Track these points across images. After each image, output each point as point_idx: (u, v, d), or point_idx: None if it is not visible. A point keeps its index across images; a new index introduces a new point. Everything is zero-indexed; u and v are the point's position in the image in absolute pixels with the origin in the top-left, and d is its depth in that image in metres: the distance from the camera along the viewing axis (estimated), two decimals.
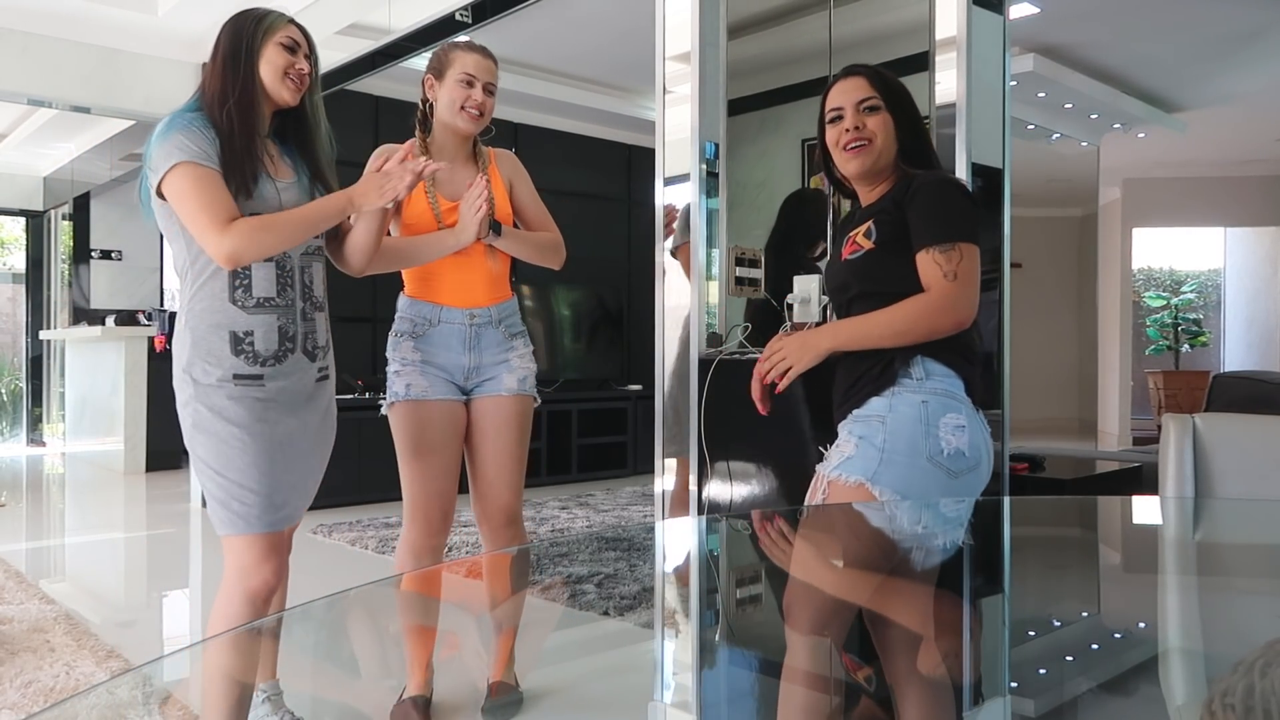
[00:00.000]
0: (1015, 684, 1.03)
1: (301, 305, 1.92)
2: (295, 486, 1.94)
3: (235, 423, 1.84)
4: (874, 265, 1.73)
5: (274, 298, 1.88)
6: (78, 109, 5.90)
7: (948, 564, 1.56)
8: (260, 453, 1.85)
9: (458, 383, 2.25)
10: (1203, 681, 1.02)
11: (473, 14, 4.14)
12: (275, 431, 1.87)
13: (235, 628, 1.81)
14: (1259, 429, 2.20)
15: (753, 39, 3.20)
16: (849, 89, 1.80)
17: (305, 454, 1.95)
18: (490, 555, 2.31)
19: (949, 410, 1.66)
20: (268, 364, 1.87)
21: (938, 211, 1.68)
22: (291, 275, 1.90)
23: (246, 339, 1.85)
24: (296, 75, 1.90)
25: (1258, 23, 5.03)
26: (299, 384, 1.92)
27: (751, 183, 3.21)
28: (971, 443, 1.68)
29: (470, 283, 2.23)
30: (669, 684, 1.29)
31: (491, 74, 2.25)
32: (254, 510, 1.86)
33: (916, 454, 1.64)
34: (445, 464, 2.23)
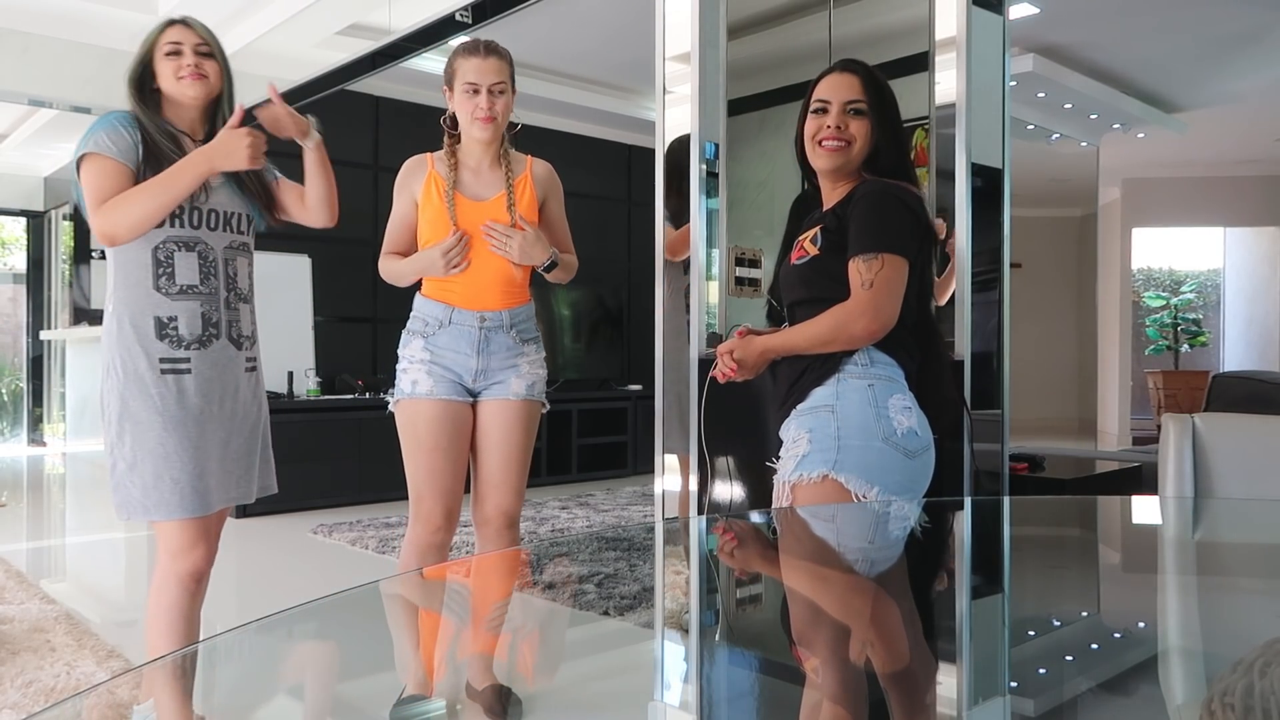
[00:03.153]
0: (1015, 684, 1.04)
1: (225, 294, 1.99)
2: (227, 472, 1.99)
3: (161, 410, 1.90)
4: (817, 272, 1.77)
5: (197, 285, 1.95)
6: (78, 109, 5.89)
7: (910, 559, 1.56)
8: (185, 438, 1.91)
9: (465, 384, 2.25)
10: (1202, 681, 1.02)
11: (473, 14, 4.14)
12: (201, 418, 1.94)
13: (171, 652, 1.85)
14: (1259, 429, 2.20)
15: (753, 39, 3.20)
16: (840, 85, 1.81)
17: (233, 441, 2.00)
18: (490, 555, 2.31)
19: (895, 392, 1.70)
20: (192, 348, 1.93)
21: (869, 222, 1.71)
22: (214, 265, 1.97)
23: (170, 324, 1.92)
24: (190, 73, 1.96)
25: (1258, 23, 5.03)
26: (226, 373, 1.98)
27: (751, 183, 3.21)
28: (921, 423, 1.72)
29: (486, 286, 2.24)
30: (669, 684, 1.29)
31: (498, 73, 2.24)
32: (182, 495, 1.92)
33: (871, 436, 1.67)
34: (449, 462, 2.23)
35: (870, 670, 1.06)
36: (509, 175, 2.28)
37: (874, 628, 1.20)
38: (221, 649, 1.23)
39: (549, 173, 2.37)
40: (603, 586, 3.39)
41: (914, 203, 1.76)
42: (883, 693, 1.01)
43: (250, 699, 1.26)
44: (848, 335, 1.68)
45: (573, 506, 5.50)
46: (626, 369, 7.12)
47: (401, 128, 5.97)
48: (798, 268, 1.81)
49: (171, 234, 1.93)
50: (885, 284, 1.67)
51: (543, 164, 2.37)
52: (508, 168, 2.29)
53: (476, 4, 4.09)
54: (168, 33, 2.00)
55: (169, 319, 1.92)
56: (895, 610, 1.28)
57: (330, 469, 5.41)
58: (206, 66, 2.00)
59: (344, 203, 2.49)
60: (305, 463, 5.32)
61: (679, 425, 3.23)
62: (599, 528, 4.94)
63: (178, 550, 1.96)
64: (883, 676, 1.04)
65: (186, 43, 1.99)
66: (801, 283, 1.81)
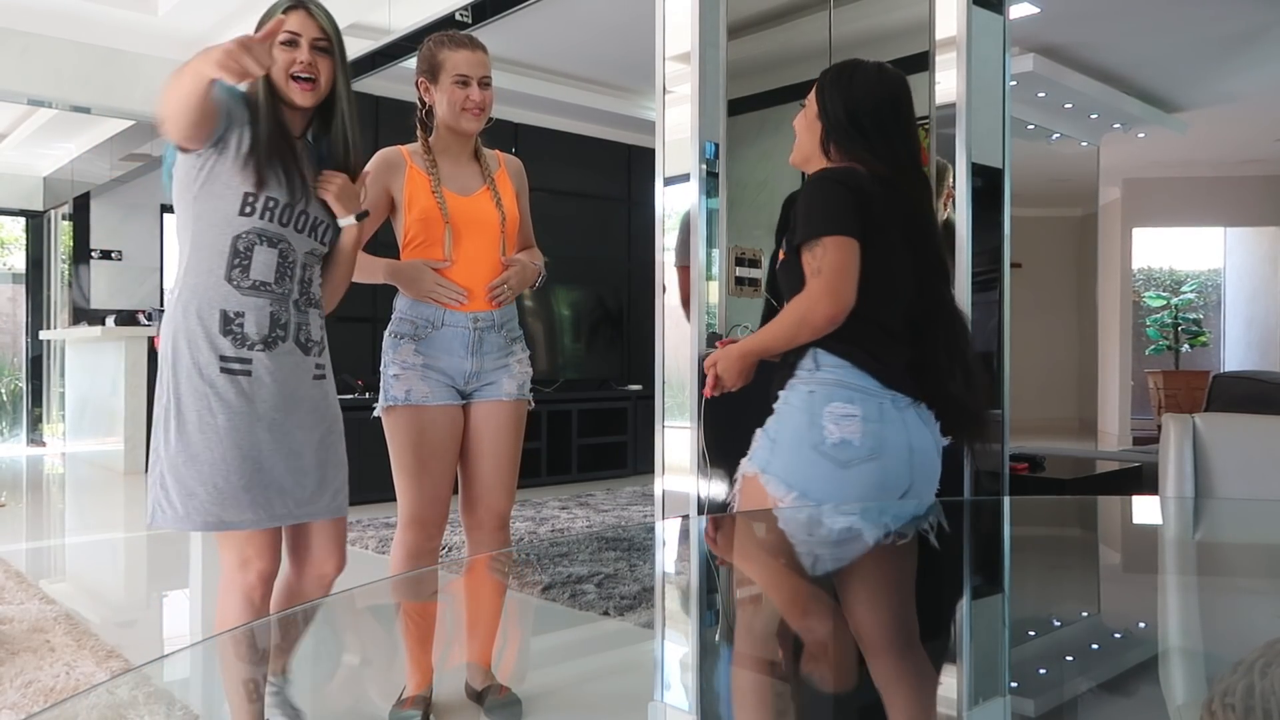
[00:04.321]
0: (1015, 684, 1.03)
1: (296, 297, 1.86)
2: (292, 484, 1.85)
3: (215, 412, 1.77)
4: (786, 272, 1.80)
5: (270, 283, 1.82)
6: (78, 109, 5.90)
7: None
8: (235, 444, 1.77)
9: (458, 387, 2.23)
10: (1203, 681, 1.02)
11: (473, 14, 4.14)
12: (259, 425, 1.80)
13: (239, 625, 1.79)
14: (1259, 429, 2.20)
15: (753, 39, 3.20)
16: (808, 101, 1.87)
17: (301, 453, 1.86)
18: (484, 557, 2.31)
19: (835, 399, 1.66)
20: (256, 348, 1.80)
21: (804, 211, 1.72)
22: (292, 267, 1.85)
23: (237, 319, 1.79)
24: (301, 70, 1.79)
25: (1258, 23, 5.03)
26: (293, 378, 1.85)
27: (751, 183, 3.21)
28: (867, 432, 1.65)
29: (477, 287, 2.21)
30: (669, 684, 1.28)
31: (485, 66, 2.21)
32: (248, 501, 1.78)
33: (801, 443, 1.67)
34: (444, 468, 2.22)
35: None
36: (486, 170, 2.27)
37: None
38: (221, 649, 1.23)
39: (519, 167, 2.38)
40: (603, 586, 3.39)
41: (851, 179, 1.72)
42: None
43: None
44: (810, 326, 1.67)
45: (573, 506, 5.50)
46: (626, 369, 7.12)
47: (401, 128, 5.95)
48: (778, 270, 1.86)
49: (258, 226, 1.80)
50: (832, 267, 1.65)
51: (513, 159, 2.37)
52: (484, 162, 2.28)
53: (476, 4, 4.09)
54: (289, 17, 1.79)
55: (236, 314, 1.79)
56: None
57: None
58: (320, 66, 1.82)
59: None
60: None
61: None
62: (599, 528, 4.94)
63: (242, 563, 1.83)
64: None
65: (305, 35, 1.80)
66: (782, 283, 1.84)
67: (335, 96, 1.87)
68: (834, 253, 1.65)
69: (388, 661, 2.09)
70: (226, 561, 1.85)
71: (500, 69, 2.30)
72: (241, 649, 1.24)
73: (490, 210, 2.23)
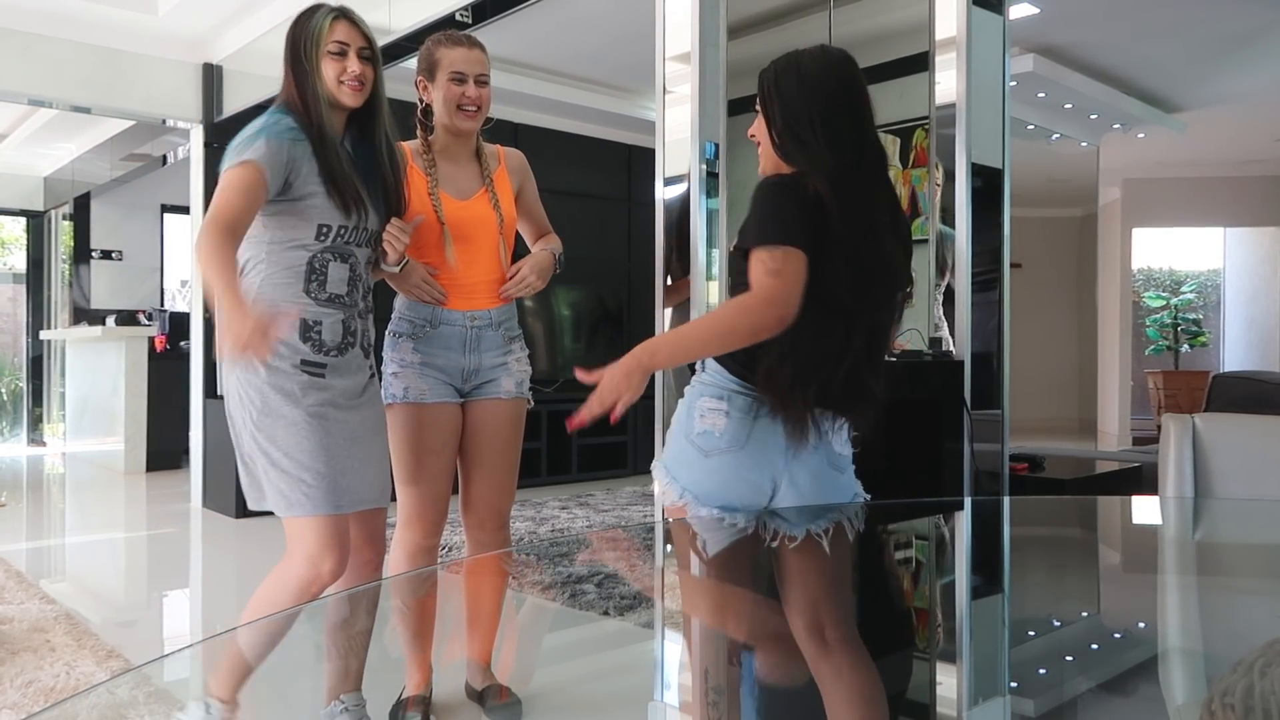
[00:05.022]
0: (1015, 684, 1.03)
1: (362, 307, 2.02)
2: (358, 474, 1.96)
3: (305, 408, 1.89)
4: (732, 265, 1.79)
5: (343, 295, 1.97)
6: (78, 109, 5.89)
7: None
8: (327, 436, 1.90)
9: (456, 385, 2.23)
10: (1202, 681, 1.02)
11: (473, 14, 4.14)
12: (335, 421, 1.93)
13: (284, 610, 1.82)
14: (1259, 429, 2.20)
15: (753, 39, 3.20)
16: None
17: (364, 445, 1.99)
18: (484, 556, 2.31)
19: (705, 395, 1.73)
20: (331, 354, 1.94)
21: (759, 214, 1.69)
22: (359, 278, 2.00)
23: (315, 328, 1.93)
24: (352, 80, 1.93)
25: (1258, 23, 5.03)
26: (355, 380, 1.99)
27: (751, 183, 3.20)
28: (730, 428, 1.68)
29: (474, 285, 2.22)
30: (669, 684, 1.28)
31: (482, 64, 2.21)
32: (320, 493, 1.89)
33: (680, 434, 1.75)
34: (443, 466, 2.22)
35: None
36: (486, 170, 2.27)
37: None
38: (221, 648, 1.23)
39: (520, 160, 2.37)
40: (603, 586, 3.39)
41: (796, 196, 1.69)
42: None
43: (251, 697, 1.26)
44: (752, 324, 1.60)
45: (573, 506, 5.50)
46: None
47: (401, 127, 5.95)
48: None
49: (330, 247, 1.94)
50: (792, 274, 1.61)
51: (514, 153, 2.37)
52: (484, 161, 2.28)
53: (476, 4, 4.09)
54: (335, 29, 1.93)
55: (314, 323, 1.93)
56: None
57: None
58: (366, 74, 1.97)
59: None
60: None
61: None
62: (599, 528, 4.94)
63: (314, 553, 1.90)
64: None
65: (353, 45, 1.94)
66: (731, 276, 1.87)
67: (378, 101, 2.01)
68: (793, 262, 1.61)
69: (387, 661, 2.09)
70: (297, 555, 1.91)
71: (500, 69, 2.30)
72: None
73: (488, 213, 2.23)
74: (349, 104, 1.95)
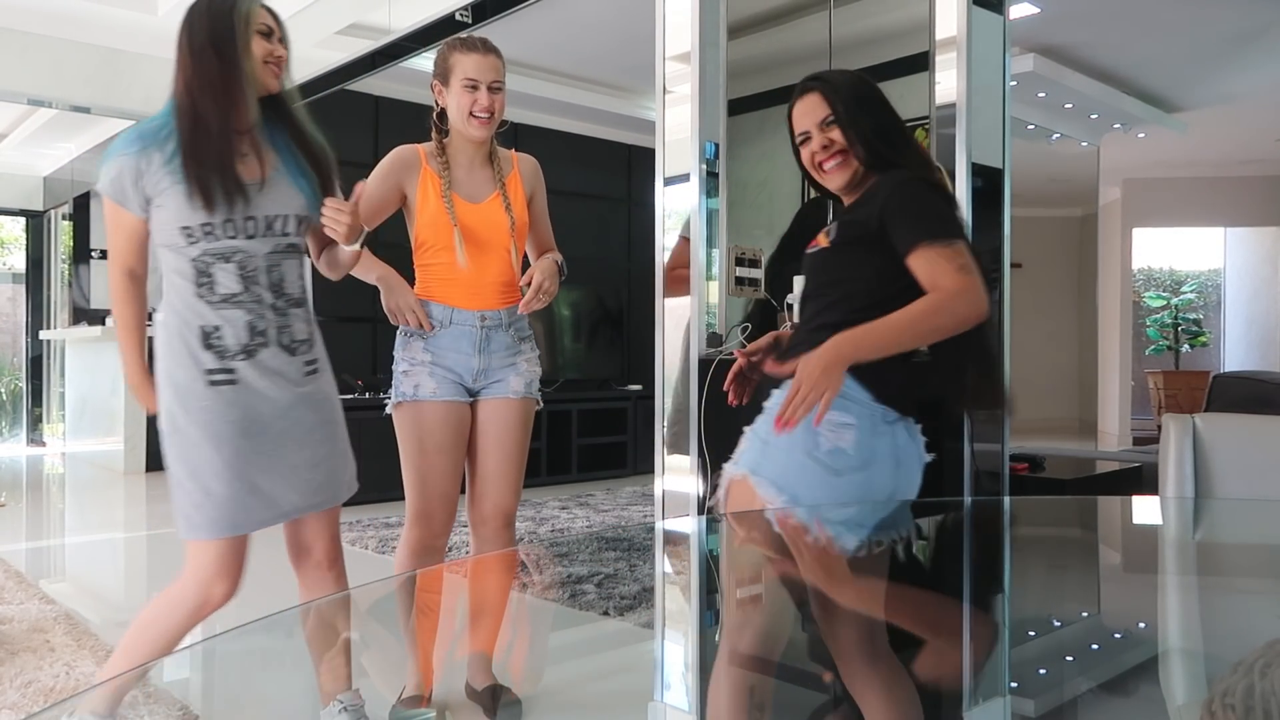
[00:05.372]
0: (1015, 684, 1.03)
1: (271, 300, 1.89)
2: (297, 482, 1.90)
3: (207, 424, 1.82)
4: (825, 264, 1.77)
5: (239, 294, 1.86)
6: (78, 109, 5.90)
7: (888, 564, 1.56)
8: (235, 453, 1.83)
9: (466, 384, 2.24)
10: (1203, 681, 1.02)
11: (473, 14, 4.14)
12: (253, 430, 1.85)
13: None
14: (1259, 429, 2.20)
15: (753, 39, 3.20)
16: (808, 109, 1.80)
17: (302, 450, 1.91)
18: (488, 556, 2.31)
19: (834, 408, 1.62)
20: (238, 358, 1.85)
21: (926, 210, 1.68)
22: (256, 273, 1.87)
23: (215, 334, 1.84)
24: (275, 61, 1.88)
25: (1258, 23, 5.03)
26: (283, 381, 1.89)
27: (751, 183, 3.21)
28: (860, 442, 1.65)
29: (485, 286, 2.23)
30: (669, 684, 1.28)
31: (495, 70, 2.20)
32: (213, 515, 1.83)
33: (794, 448, 1.64)
34: (451, 465, 2.23)
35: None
36: (499, 174, 2.27)
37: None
38: (222, 648, 1.23)
39: (534, 167, 2.37)
40: (603, 586, 3.39)
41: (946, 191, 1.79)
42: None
43: (250, 697, 1.26)
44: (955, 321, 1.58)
45: (573, 506, 5.50)
46: (626, 369, 7.12)
47: (401, 127, 5.96)
48: (810, 256, 1.82)
49: (208, 248, 1.84)
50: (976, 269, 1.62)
51: (528, 159, 2.37)
52: (497, 166, 2.28)
53: (476, 4, 4.09)
54: (264, 13, 1.89)
55: (213, 329, 1.85)
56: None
57: None
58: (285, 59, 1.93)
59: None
60: None
61: (679, 425, 3.23)
62: (599, 528, 4.94)
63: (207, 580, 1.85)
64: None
65: (275, 29, 1.91)
66: (812, 272, 1.81)
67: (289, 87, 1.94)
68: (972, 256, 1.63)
69: (389, 660, 2.09)
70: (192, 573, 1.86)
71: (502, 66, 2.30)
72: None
73: (500, 216, 2.23)
74: (273, 87, 1.88)
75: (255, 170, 1.87)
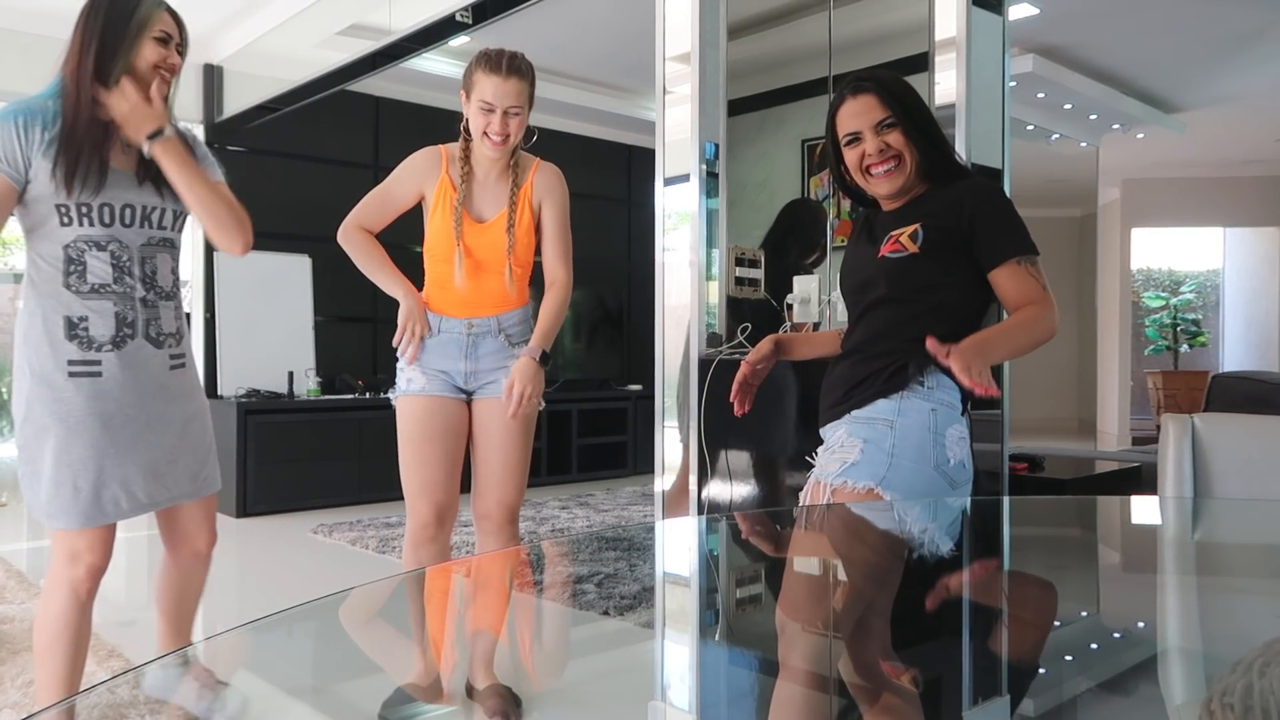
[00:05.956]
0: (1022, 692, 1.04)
1: (143, 293, 1.89)
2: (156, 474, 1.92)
3: (65, 416, 1.82)
4: (914, 270, 1.69)
5: (110, 284, 1.85)
6: None
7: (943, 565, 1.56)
8: (92, 444, 1.83)
9: (458, 384, 2.30)
10: (1202, 681, 1.02)
11: (473, 14, 4.14)
12: (115, 422, 1.85)
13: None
14: (1258, 429, 2.20)
15: (753, 39, 3.21)
16: (862, 110, 1.73)
17: (162, 442, 1.92)
18: (489, 555, 2.32)
19: (954, 422, 1.67)
20: (105, 349, 1.84)
21: (1017, 224, 1.70)
22: (129, 264, 1.87)
23: (81, 324, 1.83)
24: (167, 68, 1.87)
25: (1258, 23, 5.03)
26: (144, 373, 1.89)
27: (751, 183, 3.21)
28: (969, 456, 1.70)
29: (479, 298, 2.27)
30: (669, 684, 1.29)
31: (515, 96, 2.19)
32: (80, 505, 1.84)
33: (924, 462, 1.64)
34: (439, 455, 2.26)
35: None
36: (513, 189, 2.28)
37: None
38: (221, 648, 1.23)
39: (549, 179, 2.35)
40: (603, 586, 3.39)
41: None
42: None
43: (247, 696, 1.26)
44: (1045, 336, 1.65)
45: (573, 506, 5.50)
46: (626, 369, 7.13)
47: (401, 128, 5.97)
48: (889, 261, 1.71)
49: (82, 233, 1.82)
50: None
51: (548, 169, 2.36)
52: (514, 178, 2.28)
53: (477, 4, 4.09)
54: (165, 18, 1.88)
55: (80, 319, 1.83)
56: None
57: (330, 469, 5.41)
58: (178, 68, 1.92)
59: (345, 202, 2.50)
60: (305, 463, 5.32)
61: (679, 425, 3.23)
62: (599, 528, 4.94)
63: (74, 554, 1.88)
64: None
65: (174, 38, 1.90)
66: (890, 279, 1.71)
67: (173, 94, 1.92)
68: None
69: (389, 658, 2.09)
70: (57, 556, 1.90)
71: None
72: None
73: (500, 238, 2.26)
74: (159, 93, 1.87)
75: (128, 161, 1.87)
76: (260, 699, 1.77)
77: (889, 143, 1.72)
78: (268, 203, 5.69)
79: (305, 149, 5.86)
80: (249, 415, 5.21)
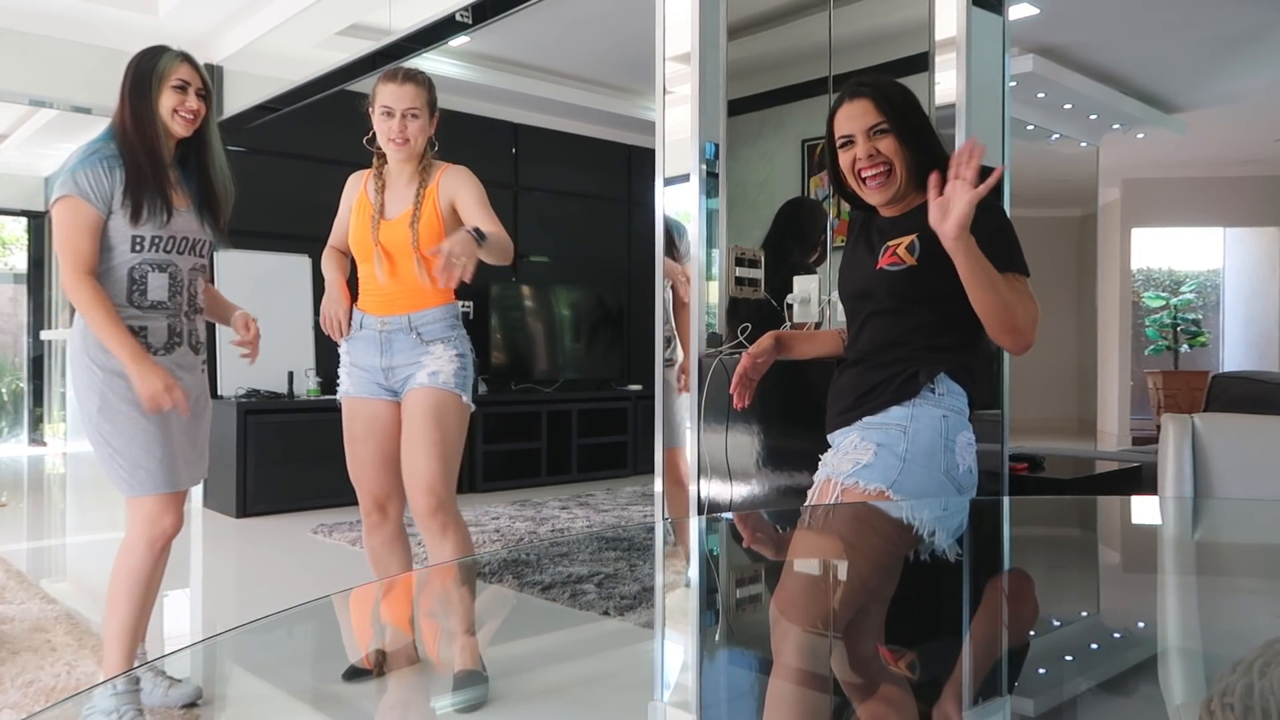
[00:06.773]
0: (1015, 684, 1.04)
1: (186, 308, 2.29)
2: (190, 457, 2.31)
3: (139, 402, 2.15)
4: (912, 283, 1.71)
5: (165, 301, 2.25)
6: (78, 109, 5.89)
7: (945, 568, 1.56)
8: (161, 426, 2.21)
9: (380, 382, 2.46)
10: (1202, 681, 1.02)
11: (473, 14, 4.14)
12: (169, 411, 2.19)
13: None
14: (1258, 429, 2.20)
15: (753, 39, 3.20)
16: (857, 114, 1.75)
17: (194, 430, 2.32)
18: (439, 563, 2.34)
19: (963, 429, 1.70)
20: (159, 354, 2.23)
21: (1013, 240, 1.71)
22: (181, 284, 2.27)
23: (141, 333, 2.21)
24: (187, 112, 2.23)
25: (1258, 23, 5.03)
26: (187, 373, 2.29)
27: (751, 183, 3.21)
28: (975, 461, 1.73)
29: (391, 294, 2.42)
30: (669, 684, 1.29)
31: (412, 98, 2.37)
32: (160, 474, 2.21)
33: (934, 467, 1.67)
34: (365, 452, 2.46)
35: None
36: (419, 188, 2.42)
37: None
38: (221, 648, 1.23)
39: (457, 176, 2.45)
40: (603, 586, 3.39)
41: None
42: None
43: (247, 696, 1.26)
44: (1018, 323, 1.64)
45: (573, 506, 5.50)
46: (626, 369, 7.12)
47: None
48: (888, 274, 1.73)
49: (148, 258, 2.21)
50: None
51: (457, 169, 2.47)
52: (421, 180, 2.43)
53: (476, 4, 4.09)
54: (180, 68, 2.23)
55: (140, 329, 2.20)
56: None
57: (330, 469, 5.39)
58: (200, 110, 2.27)
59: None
60: (305, 463, 5.32)
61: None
62: (599, 528, 4.94)
63: (153, 517, 2.22)
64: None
65: (192, 84, 2.25)
66: (889, 291, 1.74)
67: (208, 131, 2.31)
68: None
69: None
70: (137, 521, 2.23)
71: (500, 69, 2.33)
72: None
73: (405, 232, 2.40)
74: (180, 133, 2.23)
75: (183, 200, 2.26)
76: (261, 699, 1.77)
77: (879, 148, 1.73)
78: (268, 203, 5.69)
79: (305, 149, 5.86)
80: (249, 415, 5.21)
